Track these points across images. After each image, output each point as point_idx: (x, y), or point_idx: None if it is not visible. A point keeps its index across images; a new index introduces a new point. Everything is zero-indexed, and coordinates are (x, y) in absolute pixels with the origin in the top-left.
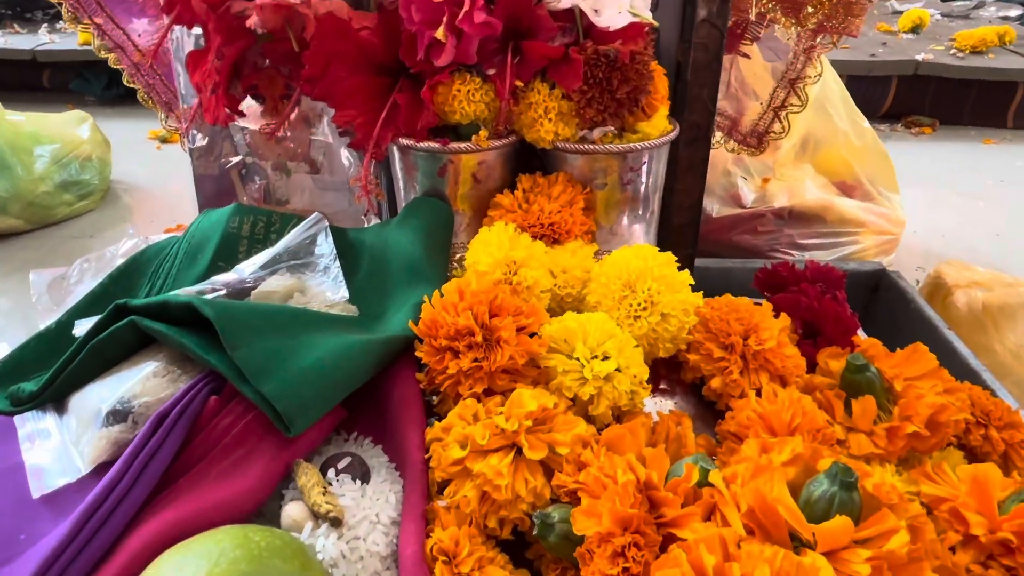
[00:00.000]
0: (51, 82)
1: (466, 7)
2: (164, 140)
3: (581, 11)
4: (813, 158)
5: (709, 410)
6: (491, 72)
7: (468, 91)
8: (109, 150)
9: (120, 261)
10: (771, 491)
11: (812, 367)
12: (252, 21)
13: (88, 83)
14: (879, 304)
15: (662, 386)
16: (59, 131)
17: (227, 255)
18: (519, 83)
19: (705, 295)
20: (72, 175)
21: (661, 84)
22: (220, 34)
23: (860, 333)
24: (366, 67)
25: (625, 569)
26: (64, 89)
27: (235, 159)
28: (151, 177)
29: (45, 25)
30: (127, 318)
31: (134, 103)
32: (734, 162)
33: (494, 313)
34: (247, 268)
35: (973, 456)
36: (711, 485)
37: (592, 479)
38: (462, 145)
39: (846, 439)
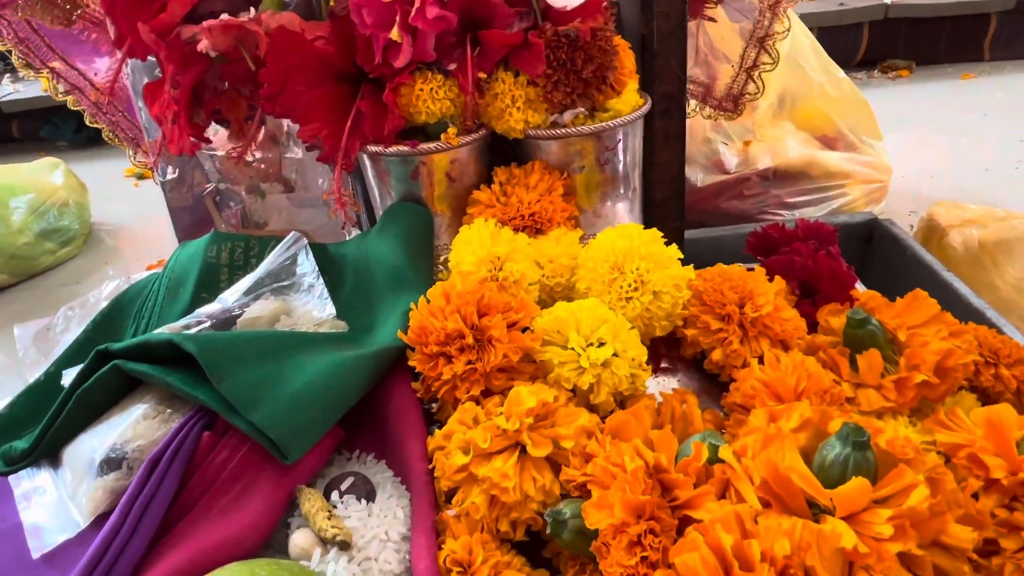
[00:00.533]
0: (21, 132)
1: (417, 4)
2: (140, 177)
3: None
4: (792, 115)
5: (714, 383)
6: (452, 67)
7: (431, 89)
8: (86, 193)
9: (104, 304)
10: (783, 460)
11: (813, 327)
12: (203, 45)
13: (58, 128)
14: (875, 254)
15: (663, 365)
16: (32, 180)
17: (209, 286)
18: (482, 75)
19: (698, 266)
20: (51, 223)
21: (627, 58)
22: (173, 62)
23: (858, 286)
24: (325, 78)
25: (643, 558)
26: (35, 137)
27: (208, 187)
28: (132, 215)
29: (8, 75)
30: (110, 363)
31: (107, 143)
32: (713, 128)
33: (483, 312)
34: (230, 296)
35: (986, 397)
36: (722, 461)
37: (600, 470)
38: (432, 145)
39: (855, 396)
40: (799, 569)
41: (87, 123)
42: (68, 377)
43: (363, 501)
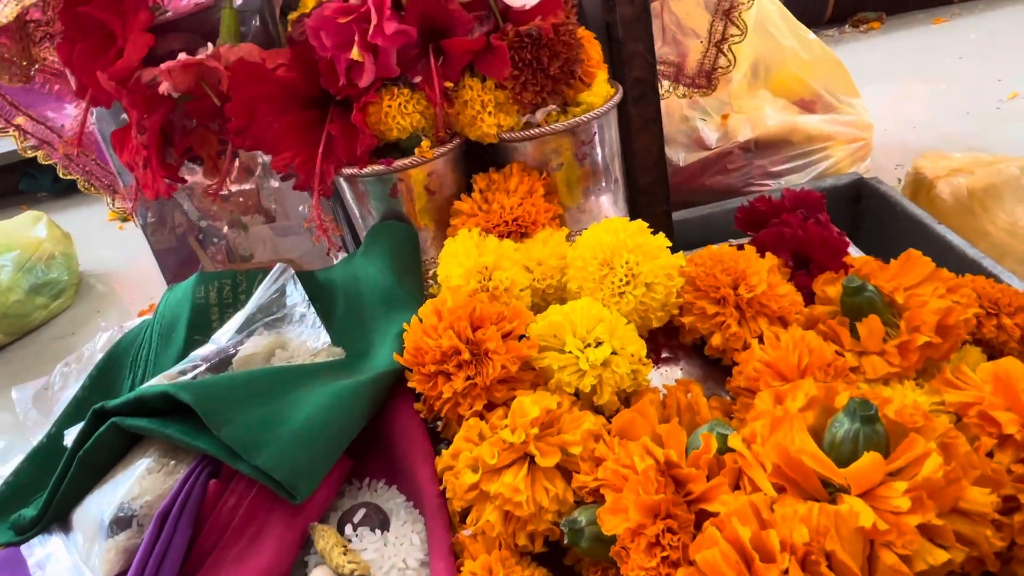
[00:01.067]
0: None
1: (374, 21)
2: (125, 219)
3: None
4: (767, 83)
5: (717, 367)
6: (418, 80)
7: (399, 104)
8: (71, 243)
9: (99, 357)
10: (793, 443)
11: (810, 296)
12: (164, 87)
13: (36, 180)
14: (865, 214)
15: (664, 355)
16: (15, 237)
17: (201, 327)
18: (448, 84)
19: (688, 246)
20: (39, 277)
21: (593, 49)
22: (136, 107)
23: (851, 250)
24: (291, 105)
25: (664, 558)
26: (14, 191)
27: (189, 226)
28: (120, 259)
29: None
30: (108, 421)
31: None
32: (689, 106)
33: (476, 325)
34: (223, 336)
35: (991, 348)
36: (732, 450)
37: (611, 473)
38: (407, 160)
39: (859, 364)
40: (820, 555)
41: (60, 175)
42: (70, 437)
43: (377, 531)
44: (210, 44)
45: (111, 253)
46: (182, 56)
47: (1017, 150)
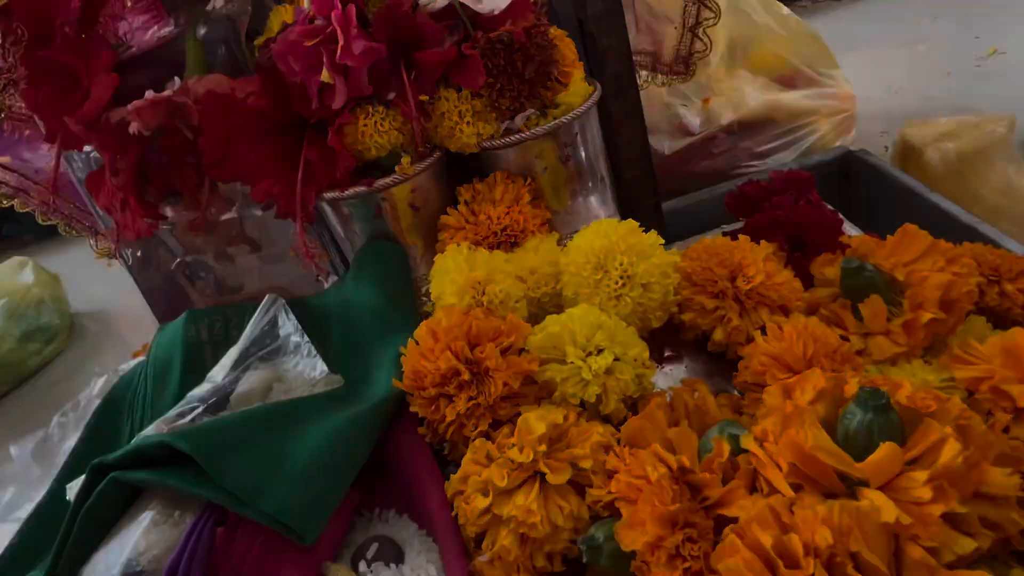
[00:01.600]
0: None
1: (341, 41)
2: (112, 257)
3: (462, 3)
4: (745, 62)
5: (722, 361)
6: (392, 96)
7: (375, 123)
8: (60, 285)
9: (96, 403)
10: (807, 439)
11: (808, 277)
12: (134, 127)
13: (20, 224)
14: (856, 187)
15: (667, 354)
16: (2, 285)
17: (195, 367)
18: (423, 97)
19: (681, 236)
20: (30, 323)
21: (567, 49)
22: (108, 149)
23: (846, 227)
24: (265, 133)
25: (686, 569)
26: None
27: (175, 263)
28: (112, 296)
29: None
30: (108, 475)
31: None
32: (669, 93)
33: (474, 343)
34: (218, 374)
35: (995, 316)
36: (746, 450)
37: (624, 486)
38: (388, 179)
39: (865, 346)
40: (845, 556)
41: (40, 222)
42: (72, 491)
43: (392, 565)
44: (177, 79)
45: (103, 290)
46: (150, 94)
47: (1001, 106)
